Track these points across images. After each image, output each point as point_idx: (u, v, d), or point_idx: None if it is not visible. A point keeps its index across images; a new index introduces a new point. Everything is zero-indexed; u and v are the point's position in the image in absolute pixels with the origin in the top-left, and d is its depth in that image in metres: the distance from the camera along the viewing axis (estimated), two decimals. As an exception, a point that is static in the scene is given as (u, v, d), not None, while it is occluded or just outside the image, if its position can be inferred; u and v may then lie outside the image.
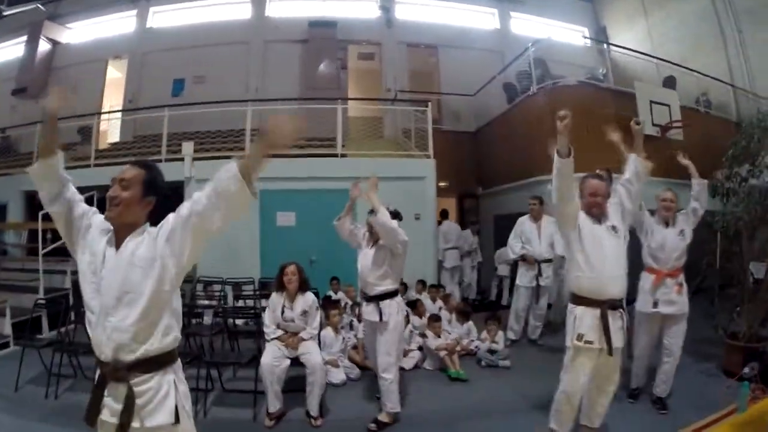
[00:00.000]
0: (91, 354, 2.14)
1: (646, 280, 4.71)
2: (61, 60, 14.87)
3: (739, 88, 11.87)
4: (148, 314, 1.99)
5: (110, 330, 1.97)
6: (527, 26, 15.26)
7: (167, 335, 2.08)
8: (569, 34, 15.46)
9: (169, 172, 8.72)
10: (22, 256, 10.68)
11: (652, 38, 13.63)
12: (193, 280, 8.45)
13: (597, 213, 3.56)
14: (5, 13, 14.74)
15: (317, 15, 14.16)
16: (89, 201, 2.37)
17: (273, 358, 4.61)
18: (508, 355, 6.34)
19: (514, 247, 7.28)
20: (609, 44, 13.23)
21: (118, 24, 15.09)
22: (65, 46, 15.06)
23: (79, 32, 15.31)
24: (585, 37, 15.25)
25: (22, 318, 6.89)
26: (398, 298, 4.67)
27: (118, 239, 2.07)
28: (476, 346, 6.59)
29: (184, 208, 2.03)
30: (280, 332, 4.84)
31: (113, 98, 14.47)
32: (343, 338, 6.31)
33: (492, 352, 6.33)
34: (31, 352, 5.72)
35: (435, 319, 6.52)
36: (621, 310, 3.51)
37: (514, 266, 10.01)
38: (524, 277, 7.19)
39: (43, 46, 14.58)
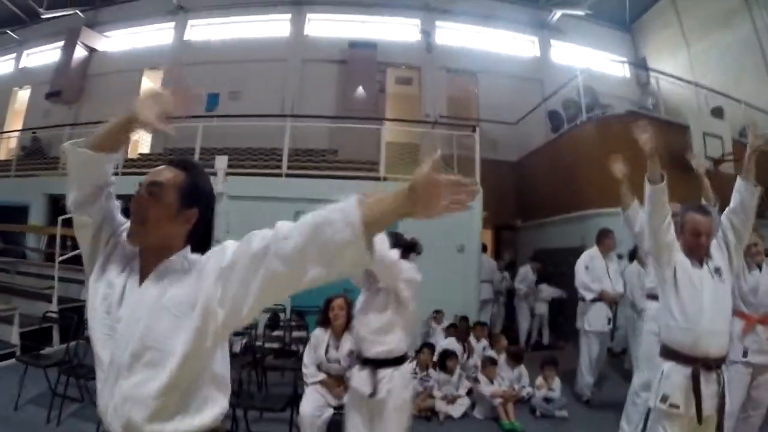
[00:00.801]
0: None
1: (736, 326, 4.03)
2: (96, 67, 14.68)
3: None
4: (179, 382, 1.36)
5: (121, 398, 1.35)
6: (567, 55, 14.73)
7: (205, 410, 1.44)
8: (610, 65, 14.77)
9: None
10: (41, 261, 10.35)
11: (693, 69, 12.89)
12: None
13: (699, 254, 2.98)
14: (44, 17, 14.68)
15: (357, 36, 13.85)
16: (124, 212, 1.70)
17: (314, 407, 3.97)
18: (565, 404, 5.62)
19: (589, 285, 5.93)
20: (655, 71, 12.44)
21: (156, 35, 14.93)
22: (102, 54, 14.87)
23: (117, 41, 15.13)
24: (636, 66, 14.55)
25: (32, 327, 6.47)
26: (406, 367, 3.38)
27: (143, 269, 1.48)
28: (528, 393, 5.82)
29: (258, 239, 1.36)
30: (321, 375, 4.21)
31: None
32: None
33: (548, 400, 5.61)
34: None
35: (491, 362, 5.82)
36: (718, 371, 2.86)
37: (553, 304, 9.29)
38: (597, 320, 5.91)
39: (80, 53, 14.40)
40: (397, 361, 3.27)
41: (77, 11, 14.68)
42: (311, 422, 3.88)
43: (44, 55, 15.48)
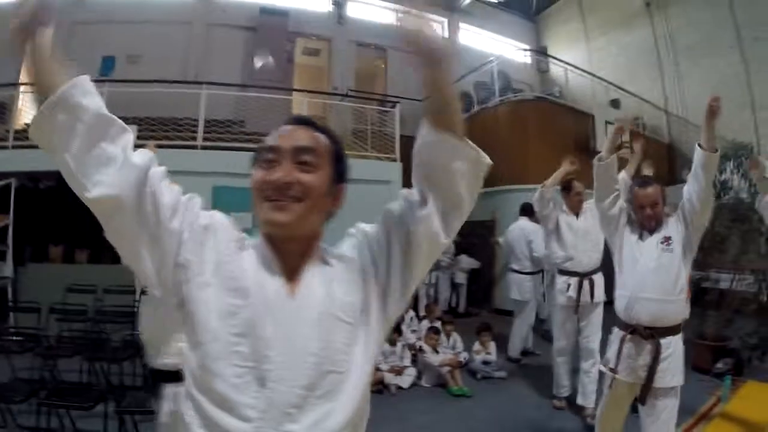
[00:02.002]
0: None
1: None
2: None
3: (673, 115, 13.59)
4: (357, 409, 1.19)
5: None
6: (473, 38, 16.40)
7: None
8: (513, 50, 16.62)
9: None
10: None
11: (591, 62, 14.94)
12: (135, 290, 7.58)
13: (647, 225, 3.28)
14: None
15: (268, 2, 13.91)
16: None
17: None
18: (502, 365, 6.46)
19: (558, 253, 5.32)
20: (559, 61, 14.28)
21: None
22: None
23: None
24: (547, 55, 16.43)
25: None
26: None
27: (287, 268, 1.20)
28: (464, 358, 6.48)
29: (397, 205, 1.31)
30: None
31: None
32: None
33: (486, 363, 6.38)
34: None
35: (434, 331, 6.41)
36: (654, 341, 3.11)
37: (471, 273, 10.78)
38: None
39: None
40: None
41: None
42: None
43: None
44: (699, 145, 3.03)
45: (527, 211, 7.20)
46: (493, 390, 5.89)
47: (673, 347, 3.11)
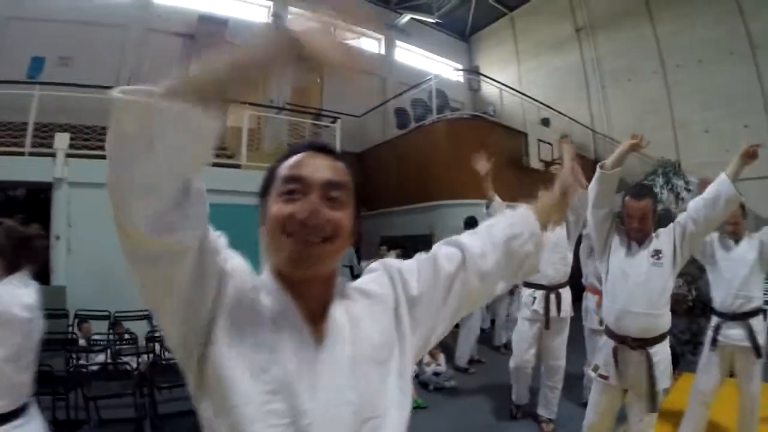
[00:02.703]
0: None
1: (591, 300, 5.31)
2: None
3: (599, 133, 14.73)
4: None
5: None
6: (408, 56, 17.21)
7: None
8: (447, 69, 17.40)
9: (33, 170, 7.95)
10: None
11: (522, 83, 15.98)
12: (68, 314, 7.13)
13: (635, 237, 3.33)
14: None
15: (208, 9, 13.82)
16: None
17: None
18: (452, 375, 6.54)
19: None
20: (491, 81, 15.02)
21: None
22: None
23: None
24: (479, 74, 17.23)
25: None
26: None
27: (308, 311, 1.08)
28: (415, 371, 6.24)
29: (445, 256, 1.29)
30: None
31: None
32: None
33: (436, 374, 6.46)
34: None
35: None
36: (644, 350, 3.21)
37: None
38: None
39: None
40: None
41: None
42: None
43: None
44: (728, 179, 3.12)
45: (471, 225, 7.54)
46: (446, 400, 6.00)
47: (661, 354, 3.21)
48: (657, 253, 3.20)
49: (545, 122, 13.35)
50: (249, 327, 1.01)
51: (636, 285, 3.20)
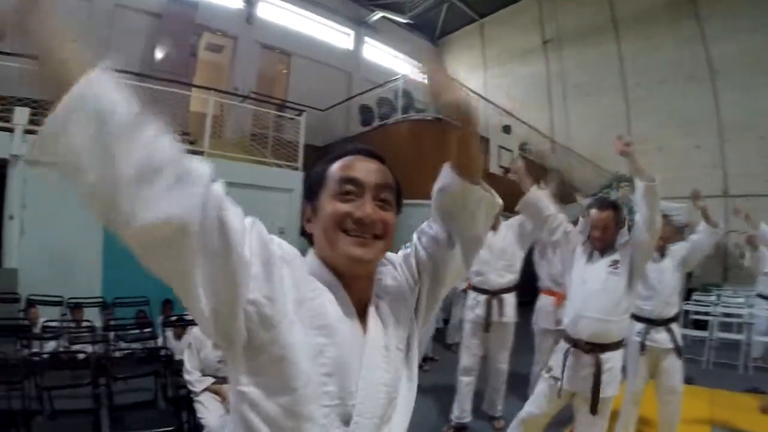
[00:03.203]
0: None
1: (547, 300, 5.48)
2: None
3: (558, 143, 15.20)
4: (406, 424, 1.30)
5: None
6: (376, 53, 17.35)
7: None
8: (414, 70, 17.59)
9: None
10: None
11: (486, 89, 16.35)
12: (20, 298, 6.88)
13: (596, 246, 3.48)
14: None
15: None
16: None
17: (220, 417, 3.78)
18: None
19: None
20: (465, 88, 15.31)
21: None
22: None
23: None
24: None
25: None
26: None
27: (356, 304, 1.20)
28: None
29: (424, 241, 1.39)
30: (209, 380, 4.00)
31: None
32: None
33: None
34: None
35: None
36: (595, 355, 3.35)
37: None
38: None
39: None
40: None
41: None
42: None
43: None
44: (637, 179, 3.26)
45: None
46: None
47: (612, 362, 3.34)
48: (615, 263, 3.36)
49: (506, 129, 13.66)
50: (311, 312, 1.09)
51: (592, 292, 3.36)
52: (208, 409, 3.80)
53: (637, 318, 4.34)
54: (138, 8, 12.53)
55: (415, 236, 1.39)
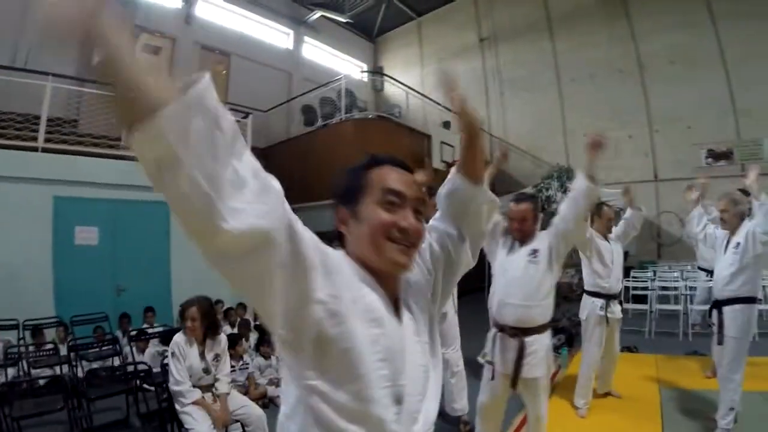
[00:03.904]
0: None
1: None
2: None
3: (495, 137, 15.80)
4: (439, 395, 1.46)
5: None
6: (316, 53, 17.59)
7: None
8: (353, 68, 18.03)
9: None
10: None
11: (424, 85, 16.72)
12: None
13: (517, 237, 3.70)
14: None
15: None
16: None
17: (209, 426, 3.89)
18: None
19: None
20: (398, 83, 15.64)
21: None
22: None
23: None
24: (383, 75, 17.91)
25: None
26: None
27: (390, 298, 1.34)
28: None
29: (435, 236, 1.57)
30: (197, 392, 4.03)
31: None
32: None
33: None
34: None
35: None
36: (519, 339, 3.56)
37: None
38: None
39: None
40: None
41: None
42: None
43: None
44: (583, 176, 3.45)
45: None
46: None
47: (537, 345, 3.54)
48: (534, 252, 3.59)
49: (446, 125, 14.08)
50: (364, 307, 1.21)
51: (513, 279, 3.60)
52: (196, 420, 3.83)
53: (597, 294, 5.01)
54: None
55: (425, 233, 1.50)
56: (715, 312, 4.44)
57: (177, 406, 3.93)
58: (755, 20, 12.51)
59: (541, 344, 3.57)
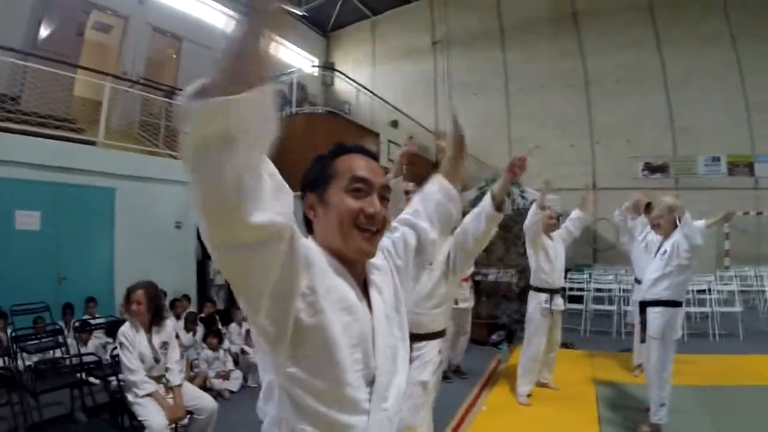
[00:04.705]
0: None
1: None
2: None
3: (441, 138, 15.97)
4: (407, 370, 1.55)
5: (396, 421, 1.44)
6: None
7: None
8: (305, 62, 18.07)
9: None
10: None
11: (375, 84, 17.05)
12: None
13: None
14: None
15: None
16: None
17: (162, 416, 3.85)
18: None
19: None
20: (350, 79, 15.77)
21: None
22: None
23: None
24: (334, 70, 18.02)
25: None
26: None
27: (358, 284, 1.42)
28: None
29: (405, 230, 1.70)
30: (152, 384, 4.00)
31: None
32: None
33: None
34: None
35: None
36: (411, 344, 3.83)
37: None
38: None
39: None
40: None
41: None
42: None
43: None
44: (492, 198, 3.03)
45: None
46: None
47: (426, 350, 3.59)
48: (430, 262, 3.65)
49: (394, 124, 14.37)
50: (337, 294, 1.28)
51: (420, 287, 3.59)
52: (149, 410, 3.78)
53: (541, 290, 5.50)
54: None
55: (400, 226, 1.69)
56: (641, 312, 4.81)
57: (129, 397, 3.90)
58: (696, 44, 13.61)
59: (428, 350, 3.61)
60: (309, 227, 1.44)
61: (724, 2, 13.74)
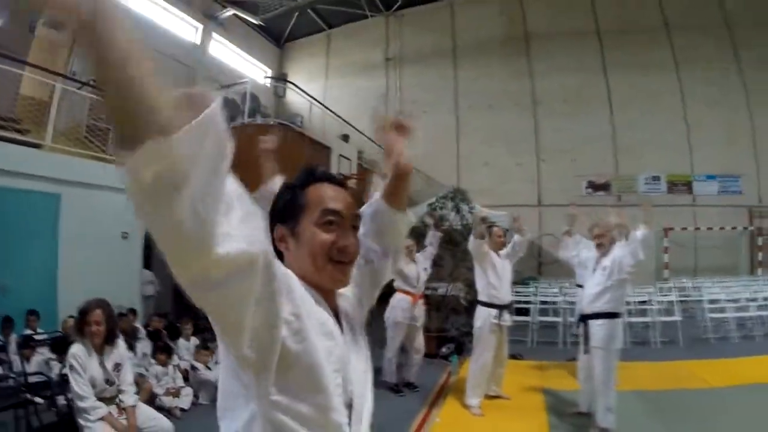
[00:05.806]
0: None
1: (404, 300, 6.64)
2: None
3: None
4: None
5: None
6: (221, 51, 17.33)
7: None
8: (258, 72, 18.16)
9: None
10: None
11: (326, 97, 17.14)
12: None
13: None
14: None
15: None
16: None
17: None
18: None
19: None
20: (308, 95, 15.81)
21: None
22: None
23: None
24: (287, 82, 18.04)
25: None
26: None
27: (332, 310, 1.43)
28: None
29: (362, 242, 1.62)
30: (104, 408, 3.85)
31: None
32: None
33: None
34: None
35: (204, 348, 6.60)
36: None
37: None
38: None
39: None
40: None
41: None
42: None
43: None
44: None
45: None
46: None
47: None
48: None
49: (345, 138, 14.47)
50: (317, 322, 1.27)
51: None
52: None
53: (491, 305, 5.70)
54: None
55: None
56: (582, 324, 5.05)
57: (80, 421, 3.71)
58: (640, 69, 14.40)
59: None
60: (280, 258, 1.35)
61: (667, 29, 14.59)
